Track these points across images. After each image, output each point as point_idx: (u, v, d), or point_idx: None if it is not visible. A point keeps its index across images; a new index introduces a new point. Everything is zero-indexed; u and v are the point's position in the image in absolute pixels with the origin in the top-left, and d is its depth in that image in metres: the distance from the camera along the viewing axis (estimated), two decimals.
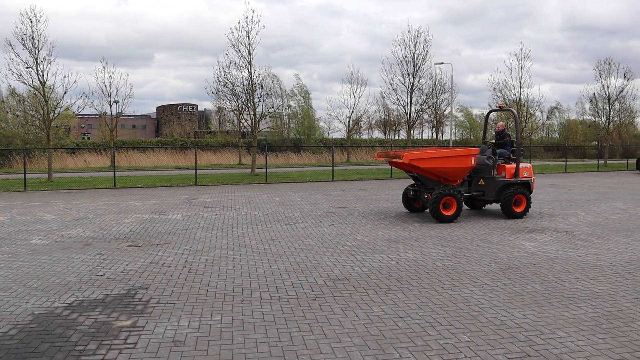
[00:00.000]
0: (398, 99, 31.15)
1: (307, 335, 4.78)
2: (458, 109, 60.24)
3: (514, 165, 12.34)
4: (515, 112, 13.48)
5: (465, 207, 13.28)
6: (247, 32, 26.13)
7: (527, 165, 12.74)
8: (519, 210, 12.09)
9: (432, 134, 67.96)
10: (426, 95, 33.43)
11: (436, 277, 6.80)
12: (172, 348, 4.51)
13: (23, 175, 21.33)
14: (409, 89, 30.66)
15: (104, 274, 6.97)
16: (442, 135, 63.65)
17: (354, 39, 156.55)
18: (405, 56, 30.28)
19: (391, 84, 31.08)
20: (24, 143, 36.45)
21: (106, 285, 6.44)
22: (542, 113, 41.58)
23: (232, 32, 26.17)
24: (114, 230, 10.41)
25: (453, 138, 41.34)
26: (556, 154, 59.08)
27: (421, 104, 32.59)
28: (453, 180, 12.14)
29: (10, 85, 33.90)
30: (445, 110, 43.28)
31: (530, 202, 12.29)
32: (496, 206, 13.11)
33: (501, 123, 13.78)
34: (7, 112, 39.09)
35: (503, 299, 5.87)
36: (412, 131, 34.11)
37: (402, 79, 30.74)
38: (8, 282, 6.62)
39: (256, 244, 8.94)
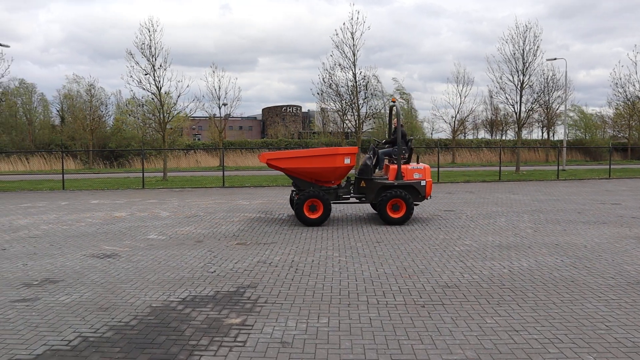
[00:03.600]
0: (507, 97, 29.77)
1: (416, 345, 4.61)
2: (571, 108, 56.50)
3: (396, 166, 11.26)
4: (397, 105, 12.04)
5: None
6: (351, 33, 26.24)
7: (421, 166, 11.45)
8: (396, 215, 11.01)
9: (542, 133, 64.46)
10: (537, 93, 31.67)
11: (554, 289, 6.32)
12: (280, 349, 4.52)
13: (141, 174, 22.86)
14: (519, 87, 29.19)
15: (215, 271, 7.21)
16: (554, 136, 60.20)
17: (454, 37, 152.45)
18: (514, 53, 28.86)
19: (499, 83, 29.78)
20: (141, 144, 39.14)
21: (217, 282, 6.65)
22: None
23: (337, 34, 26.39)
24: (223, 229, 10.79)
25: (566, 138, 38.91)
26: None
27: (532, 103, 30.93)
28: (326, 181, 11.38)
29: (131, 91, 36.57)
30: (557, 109, 40.81)
31: (412, 208, 11.08)
32: (612, 212, 12.09)
33: (395, 119, 12.55)
34: (129, 116, 42.18)
35: (634, 318, 5.32)
36: (521, 131, 32.40)
37: (510, 77, 29.34)
38: (129, 275, 7.04)
39: (362, 246, 8.86)
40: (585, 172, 30.19)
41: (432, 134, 59.10)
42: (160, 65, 24.59)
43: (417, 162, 11.68)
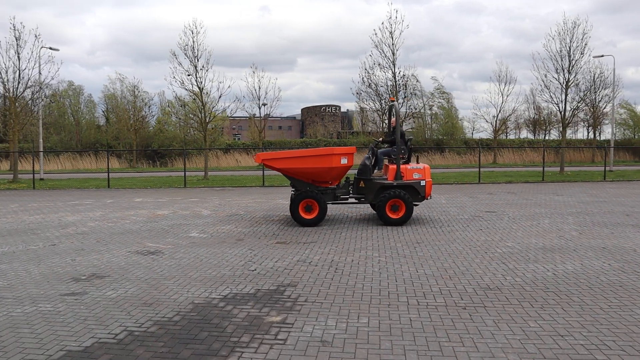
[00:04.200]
0: (551, 96, 29.02)
1: (457, 347, 4.55)
2: (622, 103, 54.54)
3: (395, 166, 11.14)
4: (396, 105, 11.77)
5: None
6: (390, 33, 26.12)
7: (420, 166, 11.32)
8: (395, 216, 10.95)
9: (588, 133, 62.65)
10: (583, 92, 30.79)
11: (601, 294, 6.14)
12: (320, 348, 4.54)
13: (183, 173, 23.31)
14: (564, 86, 28.44)
15: (255, 269, 7.30)
16: (600, 135, 58.36)
17: (495, 35, 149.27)
18: (560, 50, 28.12)
19: (543, 81, 29.08)
20: (183, 144, 39.89)
21: (257, 280, 6.72)
22: None
23: (376, 33, 26.32)
24: (264, 227, 10.90)
25: (614, 137, 37.68)
26: None
27: (577, 102, 30.09)
28: (323, 181, 11.21)
29: (174, 92, 37.45)
30: (604, 108, 39.59)
31: (412, 208, 10.99)
32: None
33: (394, 119, 12.22)
34: (171, 115, 43.07)
35: None
36: (565, 130, 31.53)
37: (555, 75, 28.60)
38: (172, 272, 7.20)
39: (401, 247, 8.80)
40: (634, 173, 29.17)
41: (472, 133, 58.30)
42: (203, 67, 25.04)
43: (417, 162, 11.60)
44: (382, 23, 28.04)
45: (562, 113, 28.91)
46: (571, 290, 6.24)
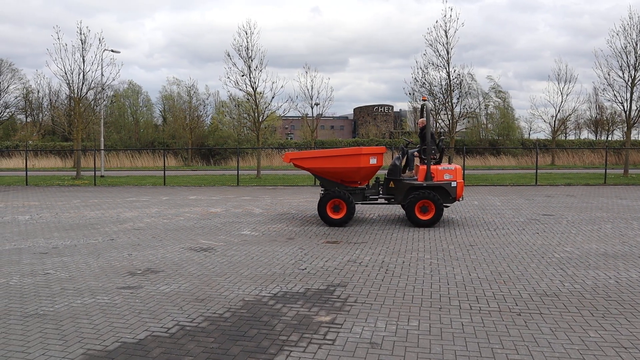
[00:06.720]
0: (615, 95, 27.74)
1: (511, 354, 4.40)
2: None
3: (425, 166, 10.77)
4: (428, 104, 11.21)
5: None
6: (445, 31, 25.68)
7: (452, 166, 11.04)
8: (424, 217, 10.77)
9: None
10: None
11: None
12: (369, 350, 4.49)
13: (236, 172, 23.69)
14: (629, 84, 27.12)
15: (306, 269, 7.30)
16: None
17: (551, 32, 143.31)
18: (625, 46, 26.82)
19: (606, 79, 27.82)
20: (237, 142, 40.58)
21: (307, 280, 6.72)
22: None
23: (430, 32, 25.93)
24: (314, 227, 10.92)
25: None
26: None
27: None
28: (351, 181, 10.99)
29: (228, 92, 38.24)
30: None
31: (442, 210, 10.77)
32: None
33: (422, 119, 11.60)
34: (225, 115, 43.92)
35: None
36: (630, 131, 30.04)
37: (620, 73, 27.31)
38: (224, 269, 7.30)
39: (454, 249, 8.62)
40: None
41: (529, 134, 56.60)
42: (256, 67, 25.37)
43: (449, 163, 11.32)
44: (437, 21, 27.65)
45: (627, 112, 27.64)
46: (636, 300, 5.92)
